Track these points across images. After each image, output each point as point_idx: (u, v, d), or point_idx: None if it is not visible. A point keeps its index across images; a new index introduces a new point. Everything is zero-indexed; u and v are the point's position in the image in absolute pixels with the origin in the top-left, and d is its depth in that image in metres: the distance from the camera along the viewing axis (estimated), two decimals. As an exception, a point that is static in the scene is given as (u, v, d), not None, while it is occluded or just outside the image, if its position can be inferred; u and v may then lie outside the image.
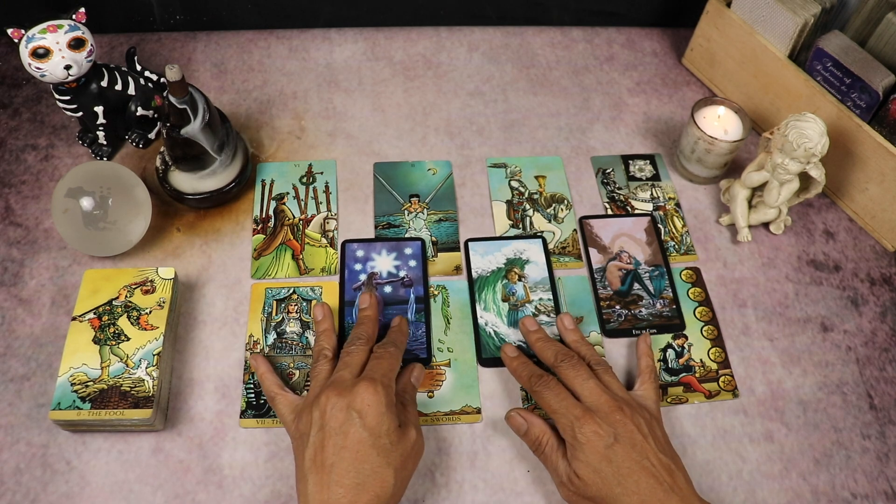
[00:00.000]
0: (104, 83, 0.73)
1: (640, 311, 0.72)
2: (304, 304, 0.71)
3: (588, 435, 0.56)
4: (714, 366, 0.70)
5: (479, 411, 0.66)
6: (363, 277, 0.73)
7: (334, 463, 0.52)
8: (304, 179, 0.80)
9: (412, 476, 0.57)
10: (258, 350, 0.67)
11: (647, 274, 0.74)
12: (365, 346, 0.61)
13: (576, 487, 0.56)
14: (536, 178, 0.82)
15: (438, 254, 0.75)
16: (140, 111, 0.77)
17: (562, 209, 0.79)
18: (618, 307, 0.72)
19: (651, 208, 0.80)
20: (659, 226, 0.79)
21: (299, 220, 0.77)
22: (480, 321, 0.71)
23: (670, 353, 0.70)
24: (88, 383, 0.61)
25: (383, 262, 0.74)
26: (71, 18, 0.69)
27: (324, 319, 0.66)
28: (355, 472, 0.52)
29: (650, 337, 0.69)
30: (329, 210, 0.78)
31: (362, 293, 0.68)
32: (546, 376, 0.61)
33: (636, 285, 0.74)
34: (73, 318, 0.64)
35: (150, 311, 0.65)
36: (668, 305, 0.72)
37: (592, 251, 0.76)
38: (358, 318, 0.65)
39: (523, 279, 0.74)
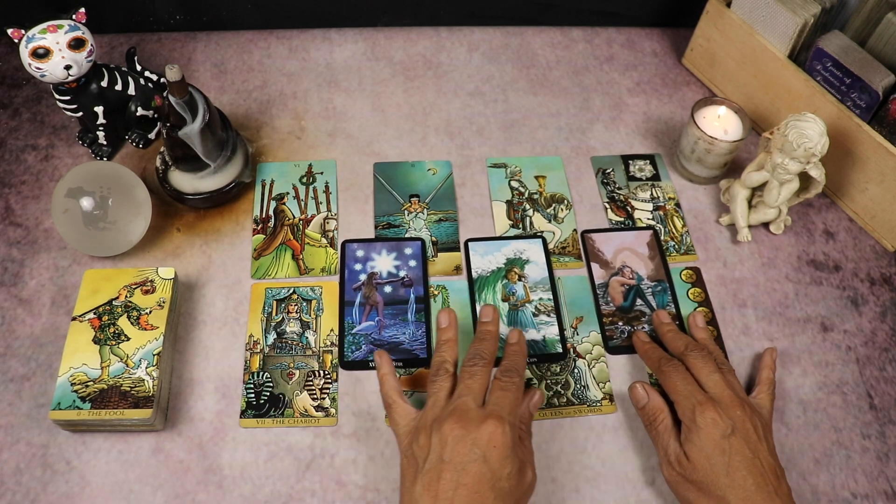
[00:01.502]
0: (104, 83, 0.73)
1: (644, 328, 0.71)
2: (304, 304, 0.71)
3: (707, 421, 0.57)
4: (714, 366, 0.70)
5: (479, 411, 0.65)
6: (363, 277, 0.73)
7: (451, 499, 0.51)
8: (304, 179, 0.80)
9: None
10: (258, 350, 0.67)
11: (650, 289, 0.74)
12: (487, 367, 0.59)
13: (682, 469, 0.57)
14: (536, 178, 0.82)
15: (438, 254, 0.75)
16: (140, 111, 0.77)
17: (562, 209, 0.79)
18: (621, 323, 0.71)
19: (651, 208, 0.80)
20: (661, 234, 0.78)
21: (299, 220, 0.77)
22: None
23: (670, 353, 0.70)
24: (88, 383, 0.61)
25: (383, 262, 0.74)
26: (71, 18, 0.69)
27: (448, 328, 0.63)
28: None
29: (776, 351, 0.69)
30: (329, 210, 0.78)
31: (485, 305, 0.65)
32: (675, 361, 0.64)
33: (639, 301, 0.73)
34: (73, 318, 0.64)
35: (150, 311, 0.65)
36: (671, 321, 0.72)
37: (594, 266, 0.75)
38: (478, 333, 0.63)
39: (523, 279, 0.74)
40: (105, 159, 0.79)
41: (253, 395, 0.65)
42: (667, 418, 0.61)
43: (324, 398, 0.65)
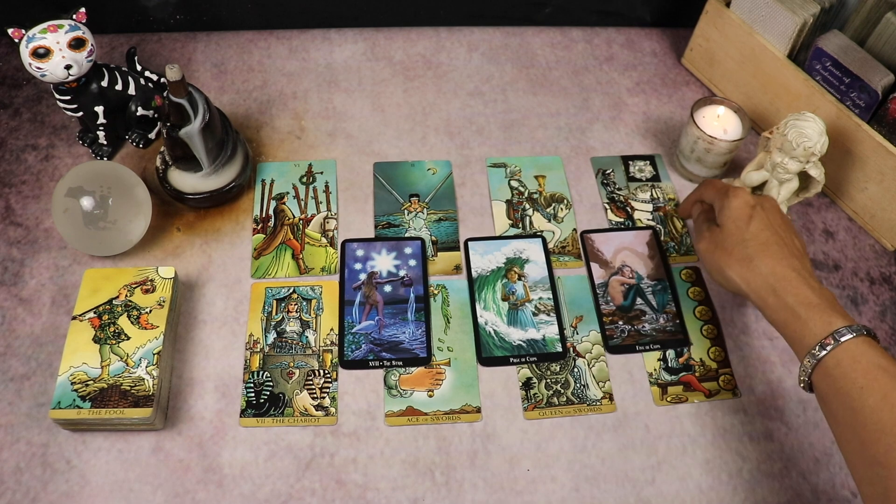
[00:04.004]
0: (104, 83, 0.73)
1: (644, 327, 0.71)
2: (304, 303, 0.71)
3: (738, 195, 0.65)
4: (714, 365, 0.70)
5: (478, 410, 0.66)
6: (363, 277, 0.73)
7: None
8: (304, 179, 0.80)
9: None
10: (258, 349, 0.67)
11: (650, 288, 0.74)
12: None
13: (713, 236, 0.66)
14: (536, 177, 0.82)
15: (438, 253, 0.75)
16: (140, 111, 0.77)
17: (561, 209, 0.80)
18: (621, 322, 0.71)
19: (651, 209, 0.80)
20: (661, 235, 0.78)
21: (299, 219, 0.77)
22: (480, 320, 0.71)
23: (670, 353, 0.70)
24: (88, 382, 0.61)
25: (383, 262, 0.74)
26: (71, 18, 0.69)
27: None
28: None
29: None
30: (329, 210, 0.78)
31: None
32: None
33: (639, 300, 0.73)
34: (74, 318, 0.64)
35: (151, 311, 0.65)
36: (671, 320, 0.72)
37: (594, 266, 0.75)
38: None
39: (523, 278, 0.74)
40: (105, 159, 0.79)
41: (253, 395, 0.65)
42: (700, 212, 0.70)
43: (324, 397, 0.65)
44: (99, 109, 0.74)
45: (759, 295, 0.60)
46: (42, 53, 0.66)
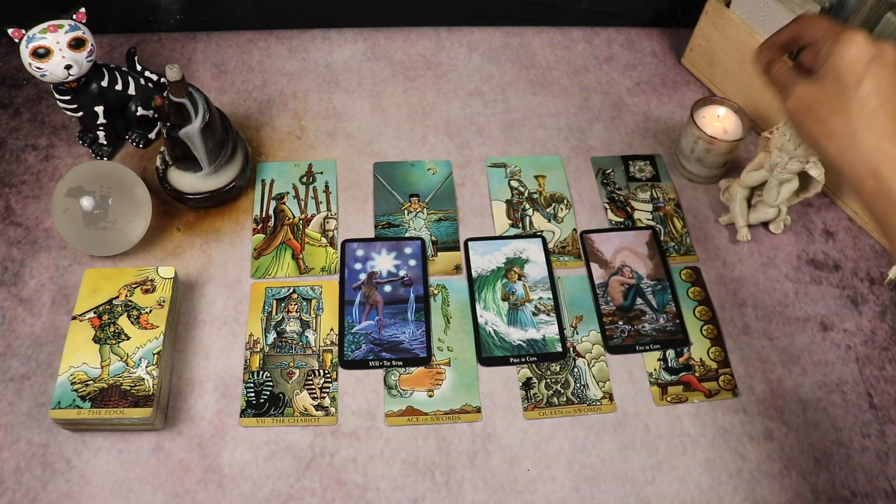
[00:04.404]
0: (104, 83, 0.73)
1: (644, 327, 0.71)
2: (304, 303, 0.71)
3: (851, 40, 0.51)
4: (714, 365, 0.70)
5: (478, 410, 0.66)
6: (363, 277, 0.73)
7: None
8: (304, 179, 0.80)
9: None
10: (258, 349, 0.67)
11: (650, 288, 0.74)
12: None
13: (805, 93, 0.54)
14: (536, 177, 0.82)
15: (438, 253, 0.75)
16: (140, 111, 0.77)
17: (561, 209, 0.80)
18: (621, 323, 0.72)
19: (651, 209, 0.80)
20: (661, 235, 0.78)
21: (299, 219, 0.77)
22: (480, 320, 0.71)
23: (670, 353, 0.70)
24: (88, 382, 0.61)
25: (383, 262, 0.74)
26: (71, 18, 0.69)
27: None
28: None
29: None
30: (329, 210, 0.78)
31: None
32: None
33: (639, 300, 0.73)
34: (74, 318, 0.64)
35: (151, 311, 0.65)
36: (671, 320, 0.72)
37: (594, 266, 0.75)
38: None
39: (523, 278, 0.74)
40: (105, 159, 0.79)
41: (253, 395, 0.65)
42: (782, 60, 0.57)
43: (324, 397, 0.65)
44: (99, 109, 0.74)
45: (855, 175, 0.51)
46: (42, 53, 0.66)
